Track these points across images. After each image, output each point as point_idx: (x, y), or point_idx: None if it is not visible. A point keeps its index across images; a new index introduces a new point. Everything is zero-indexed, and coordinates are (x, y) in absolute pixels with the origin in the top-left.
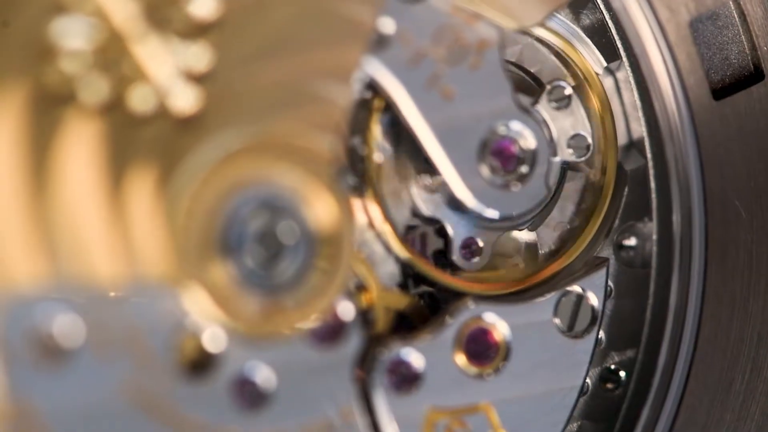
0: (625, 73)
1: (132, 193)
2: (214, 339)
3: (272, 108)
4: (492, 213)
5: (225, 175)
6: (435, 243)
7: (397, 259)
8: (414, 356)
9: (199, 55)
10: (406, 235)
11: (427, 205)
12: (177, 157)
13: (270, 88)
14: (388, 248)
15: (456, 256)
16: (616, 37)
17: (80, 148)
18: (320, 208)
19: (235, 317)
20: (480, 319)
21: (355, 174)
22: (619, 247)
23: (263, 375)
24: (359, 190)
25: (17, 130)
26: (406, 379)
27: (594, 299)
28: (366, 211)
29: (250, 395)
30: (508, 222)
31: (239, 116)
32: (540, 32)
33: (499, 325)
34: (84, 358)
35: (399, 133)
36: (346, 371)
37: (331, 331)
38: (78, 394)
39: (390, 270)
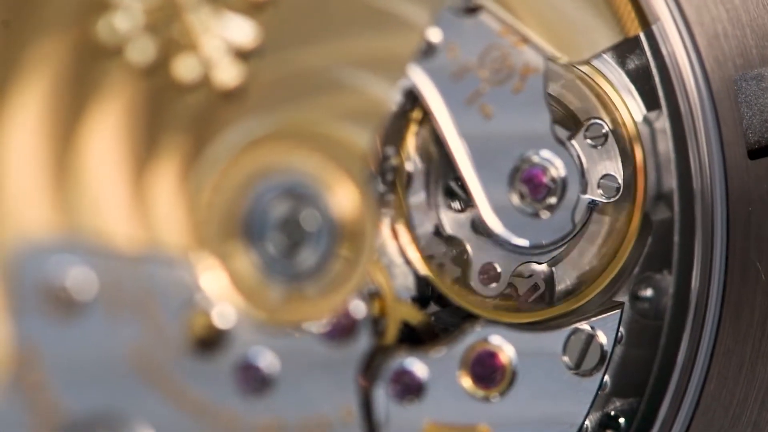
0: (663, 123)
1: (161, 159)
2: (223, 316)
3: (309, 93)
4: (515, 239)
5: (253, 157)
6: (454, 264)
7: (416, 274)
8: (418, 367)
9: (248, 32)
10: (427, 251)
11: (451, 224)
12: (212, 130)
13: (310, 74)
14: (407, 261)
15: (474, 281)
16: (659, 86)
17: (116, 104)
18: (343, 197)
19: (257, 305)
20: (487, 342)
21: (384, 182)
22: (635, 297)
23: (268, 362)
24: (386, 199)
25: (58, 77)
26: (408, 389)
27: (604, 340)
28: (391, 222)
29: (253, 380)
30: (529, 251)
31: (277, 98)
32: (584, 70)
33: (506, 348)
34: (94, 314)
35: (433, 148)
36: (350, 371)
37: (342, 329)
38: (83, 349)
39: (407, 283)
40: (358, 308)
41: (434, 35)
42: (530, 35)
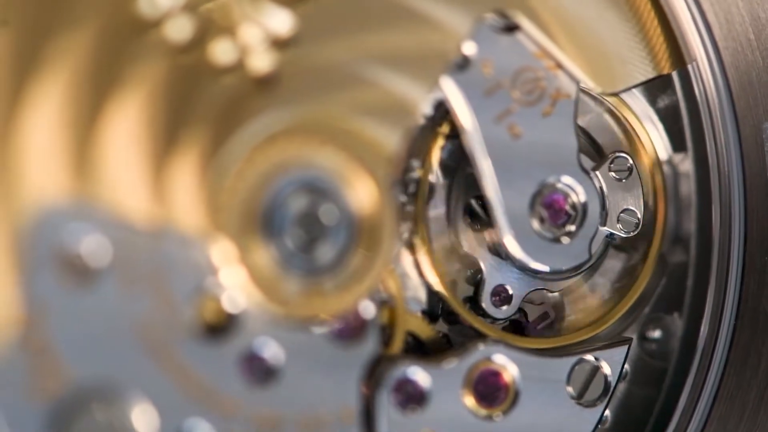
0: (687, 167)
1: (187, 142)
2: (234, 302)
3: (337, 88)
4: (533, 263)
5: (275, 149)
6: (467, 283)
7: (428, 288)
8: (421, 376)
9: (286, 22)
10: (442, 266)
11: (468, 243)
12: (240, 117)
13: (339, 69)
14: (421, 274)
15: (486, 302)
16: (687, 127)
17: (148, 81)
18: (363, 193)
19: (274, 298)
20: (491, 361)
21: (405, 193)
22: (643, 337)
23: (274, 354)
24: (406, 210)
25: (94, 46)
26: (410, 398)
27: (609, 373)
28: (409, 233)
29: (257, 370)
30: (546, 277)
31: (306, 90)
32: (614, 102)
33: (510, 368)
34: (106, 283)
35: (457, 163)
36: (354, 374)
37: (351, 329)
38: (91, 318)
39: (418, 296)
40: (368, 309)
41: (469, 48)
42: (565, 61)
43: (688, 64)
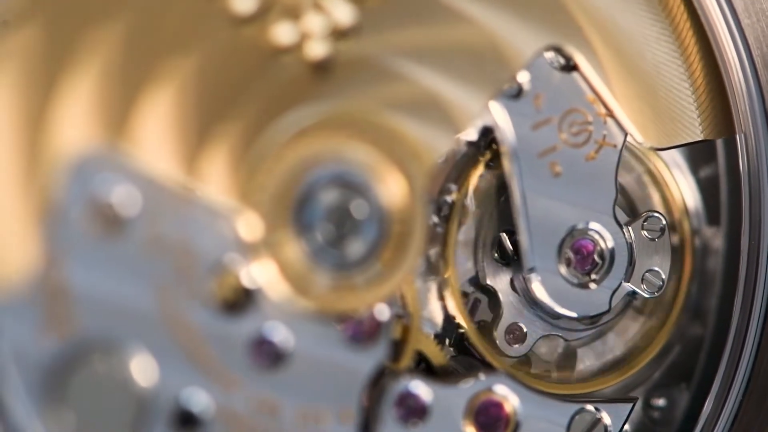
0: (718, 242)
1: (233, 115)
2: (253, 281)
3: (381, 82)
4: (555, 305)
5: (309, 142)
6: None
7: (445, 311)
8: (423, 391)
9: (349, 15)
10: (464, 294)
11: (491, 275)
12: (290, 100)
13: (387, 64)
14: (442, 297)
15: (499, 338)
16: (726, 203)
17: (204, 46)
18: (395, 189)
19: (304, 293)
20: (494, 392)
21: (438, 215)
22: (648, 404)
23: (285, 341)
24: (437, 231)
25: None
26: (411, 413)
27: (609, 424)
28: (435, 255)
29: (266, 353)
30: (559, 319)
31: (354, 82)
32: (656, 163)
33: (511, 399)
34: (131, 235)
35: (493, 194)
36: (359, 378)
37: (364, 332)
38: (111, 269)
39: (435, 318)
40: (383, 312)
41: (523, 77)
42: (617, 109)
43: (736, 134)
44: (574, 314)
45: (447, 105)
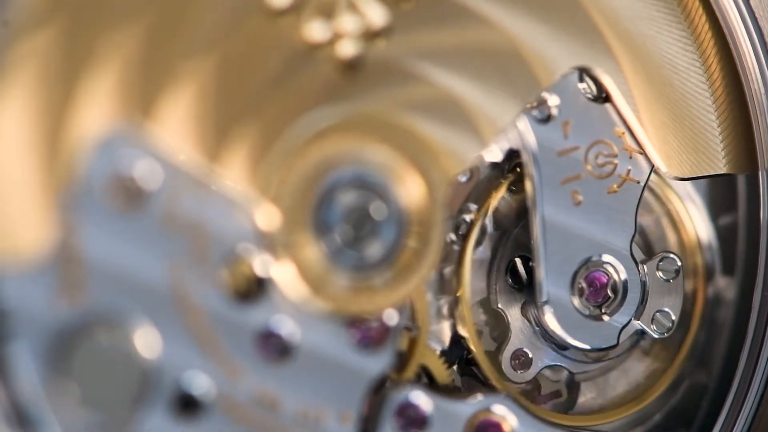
0: (731, 294)
1: (259, 106)
2: (265, 269)
3: (406, 85)
4: (560, 331)
5: (329, 143)
6: (491, 338)
7: (454, 329)
8: (423, 401)
9: (382, 18)
10: (473, 313)
11: (503, 299)
12: (318, 96)
13: (413, 67)
14: (452, 314)
15: (505, 363)
16: (741, 254)
17: (238, 35)
18: (413, 190)
19: (322, 294)
20: (490, 411)
21: (455, 233)
22: None
23: (292, 336)
24: (453, 249)
25: None
26: (411, 423)
27: None
28: (449, 273)
29: (272, 346)
30: (567, 349)
31: (379, 83)
32: (676, 206)
33: (510, 420)
34: (149, 212)
35: (512, 218)
36: (363, 383)
37: (373, 336)
38: (127, 242)
39: (442, 334)
40: (392, 317)
41: (554, 101)
42: (644, 144)
43: (759, 171)
44: (581, 345)
45: (471, 111)
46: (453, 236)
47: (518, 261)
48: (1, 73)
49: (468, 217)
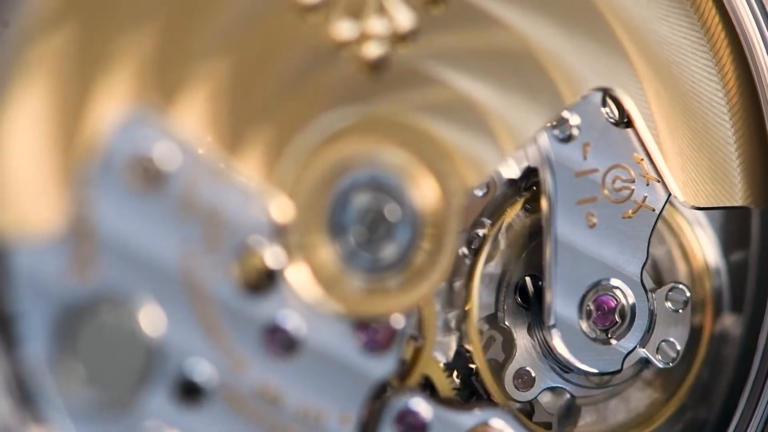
0: (737, 332)
1: (282, 102)
2: (276, 261)
3: (425, 87)
4: (565, 351)
5: (345, 143)
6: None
7: (460, 342)
8: (423, 408)
9: (409, 22)
10: (480, 328)
11: (510, 317)
12: (340, 95)
13: (433, 70)
14: (459, 327)
15: (507, 380)
16: (751, 293)
17: (266, 29)
18: (428, 192)
19: (336, 296)
20: (488, 425)
21: (468, 247)
22: None
23: (298, 332)
24: (465, 262)
25: None
26: (411, 430)
27: None
28: (459, 286)
29: (279, 341)
30: (570, 371)
31: (407, 85)
32: (689, 239)
33: None
34: (166, 194)
35: (525, 236)
36: (367, 384)
37: (379, 339)
38: (141, 223)
39: (449, 346)
40: (399, 321)
41: (575, 120)
42: (663, 172)
43: None
44: (586, 367)
45: (491, 120)
46: (465, 250)
47: (528, 280)
48: (17, 74)
49: (481, 232)
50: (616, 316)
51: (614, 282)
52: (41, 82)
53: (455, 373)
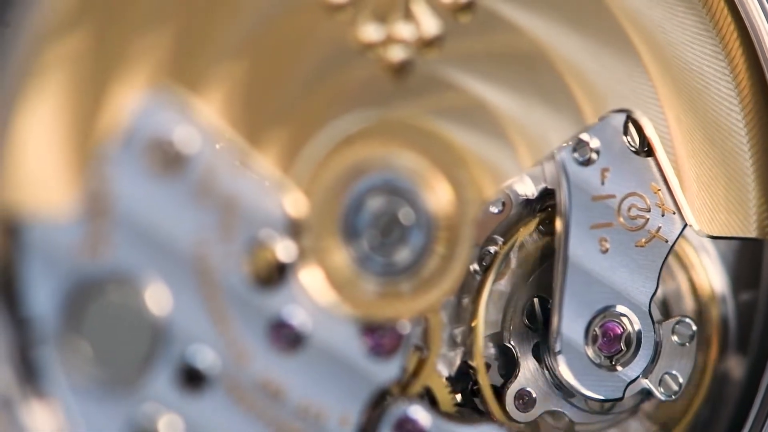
0: (740, 372)
1: (304, 98)
2: (288, 254)
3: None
4: (568, 375)
5: (362, 146)
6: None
7: (464, 357)
8: (422, 416)
9: (434, 28)
10: (485, 345)
11: (516, 337)
12: (361, 97)
13: (451, 75)
14: (464, 342)
15: (508, 399)
16: (757, 335)
17: (292, 25)
18: (440, 195)
19: (350, 300)
20: None
21: (479, 263)
22: None
23: (305, 330)
24: (474, 278)
25: None
26: None
27: None
28: (467, 301)
29: (284, 336)
30: (572, 395)
31: (428, 91)
32: (699, 275)
33: None
34: (182, 179)
35: (536, 257)
36: (370, 387)
37: (385, 344)
38: (156, 206)
39: (453, 361)
40: (406, 326)
41: (595, 144)
42: (680, 203)
43: None
44: (587, 393)
45: (511, 130)
46: (476, 266)
47: (536, 301)
48: (33, 76)
49: (493, 249)
50: (621, 343)
51: (622, 309)
52: (60, 77)
53: (457, 389)
